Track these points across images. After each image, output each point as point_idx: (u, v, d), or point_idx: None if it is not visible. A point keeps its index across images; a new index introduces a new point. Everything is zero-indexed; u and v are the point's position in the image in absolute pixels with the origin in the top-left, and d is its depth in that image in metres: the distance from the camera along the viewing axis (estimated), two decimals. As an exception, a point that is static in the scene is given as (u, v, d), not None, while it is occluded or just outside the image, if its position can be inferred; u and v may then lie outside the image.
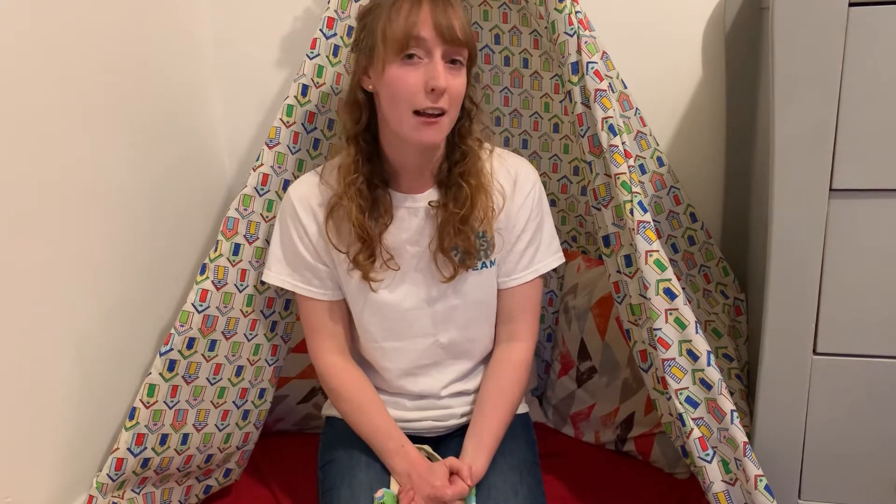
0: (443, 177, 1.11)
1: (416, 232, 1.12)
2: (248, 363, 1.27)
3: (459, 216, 1.08)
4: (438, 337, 1.16)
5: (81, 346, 1.13)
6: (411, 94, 1.00)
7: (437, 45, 1.00)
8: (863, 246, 0.99)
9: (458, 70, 1.03)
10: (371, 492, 1.09)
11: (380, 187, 1.10)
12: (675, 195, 1.38)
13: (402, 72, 1.00)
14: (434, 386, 1.18)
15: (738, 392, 1.28)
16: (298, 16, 1.52)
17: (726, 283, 1.43)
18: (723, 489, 1.03)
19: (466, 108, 1.10)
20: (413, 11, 1.00)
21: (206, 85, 1.55)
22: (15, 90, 1.00)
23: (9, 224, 0.99)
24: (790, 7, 0.92)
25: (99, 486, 1.11)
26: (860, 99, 0.93)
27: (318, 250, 1.14)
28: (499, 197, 1.12)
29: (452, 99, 1.02)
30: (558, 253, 1.19)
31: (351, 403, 1.16)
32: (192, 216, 1.47)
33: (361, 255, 1.09)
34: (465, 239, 1.09)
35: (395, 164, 1.11)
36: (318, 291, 1.16)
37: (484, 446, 1.11)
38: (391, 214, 1.11)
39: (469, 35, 1.03)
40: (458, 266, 1.11)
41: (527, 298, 1.18)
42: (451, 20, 1.00)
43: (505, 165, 1.14)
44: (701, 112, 1.48)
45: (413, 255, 1.13)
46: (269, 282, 1.17)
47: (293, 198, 1.13)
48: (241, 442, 1.32)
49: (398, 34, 0.99)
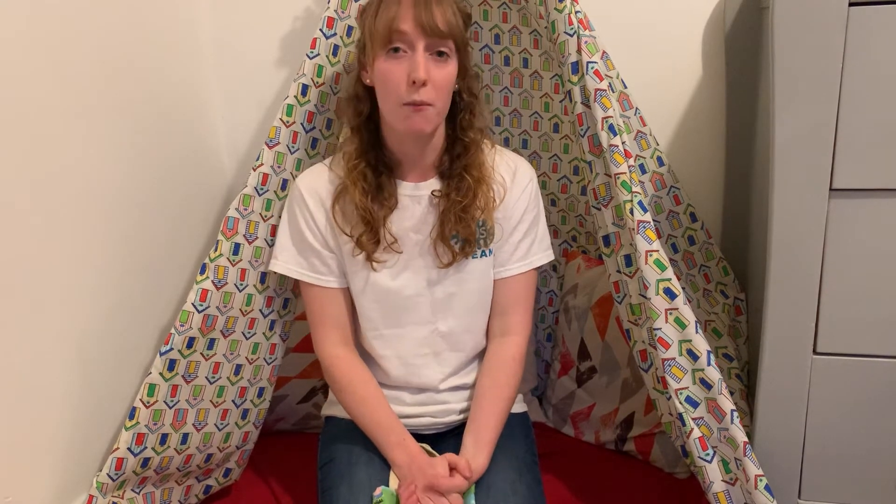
0: (444, 169, 1.15)
1: (420, 220, 1.15)
2: (247, 362, 1.27)
3: (461, 205, 1.11)
4: (437, 325, 1.18)
5: (81, 346, 1.13)
6: (397, 87, 1.04)
7: (418, 38, 1.02)
8: (863, 246, 0.99)
9: (445, 61, 1.05)
10: (370, 490, 1.09)
11: (384, 174, 1.13)
12: (675, 195, 1.38)
13: (388, 65, 1.04)
14: (433, 378, 1.19)
15: (738, 392, 1.28)
16: (298, 16, 1.52)
17: (726, 283, 1.43)
18: (723, 489, 1.03)
19: (466, 100, 1.13)
20: (395, 6, 1.03)
21: (206, 85, 1.55)
22: (14, 90, 1.00)
23: (8, 224, 0.99)
24: (790, 7, 0.92)
25: (99, 486, 1.11)
26: (860, 99, 0.93)
27: (325, 237, 1.16)
28: (499, 188, 1.15)
29: (438, 90, 1.05)
30: (549, 250, 1.22)
31: (354, 396, 1.17)
32: (192, 216, 1.47)
33: (365, 237, 1.12)
34: (465, 227, 1.12)
35: (396, 154, 1.14)
36: (325, 279, 1.18)
37: (483, 443, 1.12)
38: (395, 199, 1.14)
39: (453, 26, 1.04)
40: (458, 253, 1.14)
41: (520, 290, 1.20)
42: (432, 12, 1.02)
43: (505, 159, 1.18)
44: (701, 112, 1.48)
45: (415, 242, 1.16)
46: (277, 270, 1.18)
47: (301, 186, 1.16)
48: (241, 441, 1.32)
49: (381, 29, 1.03)
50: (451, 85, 1.08)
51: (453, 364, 1.20)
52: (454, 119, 1.14)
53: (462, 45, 1.08)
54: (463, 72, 1.11)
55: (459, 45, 1.08)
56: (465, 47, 1.10)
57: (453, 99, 1.12)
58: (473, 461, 1.09)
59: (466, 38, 1.11)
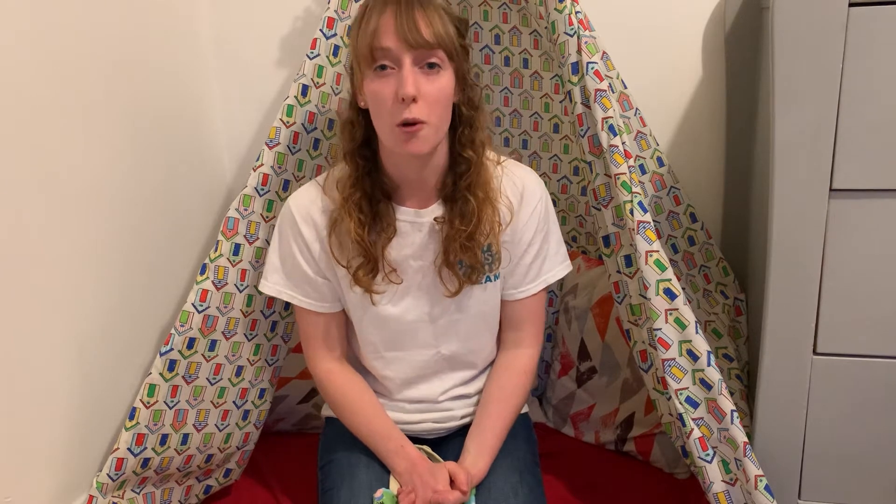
0: (448, 192, 1.08)
1: (420, 247, 1.10)
2: (249, 363, 1.27)
3: (466, 233, 1.05)
4: (440, 349, 1.15)
5: (81, 346, 1.13)
6: (388, 107, 0.97)
7: (403, 53, 0.96)
8: (863, 246, 0.99)
9: (437, 73, 0.98)
10: (371, 492, 1.09)
11: (382, 201, 1.07)
12: (675, 195, 1.38)
13: (376, 85, 0.98)
14: (434, 392, 1.18)
15: (738, 392, 1.28)
16: (298, 16, 1.52)
17: (726, 284, 1.43)
18: (723, 489, 1.03)
19: (465, 114, 1.06)
20: (375, 21, 0.96)
21: (206, 85, 1.55)
22: (15, 90, 1.00)
23: (9, 224, 0.99)
24: (790, 7, 0.92)
25: (99, 486, 1.11)
26: (860, 99, 0.93)
27: (319, 264, 1.11)
28: (506, 211, 1.09)
29: (431, 105, 0.98)
30: (566, 262, 1.17)
31: (349, 408, 1.16)
32: (192, 216, 1.47)
33: (362, 270, 1.07)
34: (471, 255, 1.07)
35: (395, 179, 1.08)
36: (317, 304, 1.14)
37: (486, 449, 1.11)
38: (394, 228, 1.08)
39: (442, 34, 0.97)
40: (464, 280, 1.09)
41: (534, 307, 1.17)
42: (415, 23, 0.95)
43: (512, 178, 1.11)
44: (701, 112, 1.48)
45: (416, 269, 1.11)
46: (267, 293, 1.14)
47: (294, 210, 1.10)
48: (241, 442, 1.32)
49: (363, 48, 0.97)
50: (446, 98, 1.00)
51: (456, 380, 1.18)
52: (454, 135, 1.07)
53: (455, 54, 1.00)
54: (461, 82, 1.04)
55: (452, 54, 1.00)
56: (461, 55, 1.02)
57: (453, 111, 1.05)
58: (474, 467, 1.08)
59: (462, 44, 1.03)
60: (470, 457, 1.10)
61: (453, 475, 1.07)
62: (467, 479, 1.06)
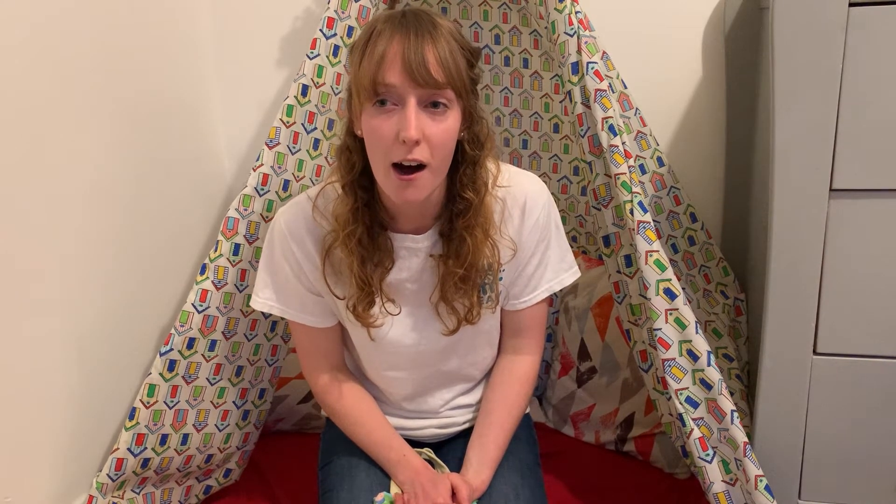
0: (444, 227, 1.03)
1: (417, 271, 1.06)
2: (248, 363, 1.27)
3: (459, 276, 1.01)
4: (440, 366, 1.14)
5: (81, 346, 1.13)
6: (385, 146, 0.90)
7: (409, 91, 0.88)
8: (863, 246, 0.99)
9: (443, 114, 0.90)
10: (371, 494, 1.08)
11: (381, 233, 1.03)
12: (675, 195, 1.38)
13: (376, 122, 0.90)
14: (434, 404, 1.17)
15: (738, 392, 1.28)
16: (298, 16, 1.52)
17: (726, 284, 1.43)
18: (723, 489, 1.03)
19: (469, 154, 0.98)
20: (380, 52, 0.88)
21: (206, 85, 1.55)
22: (14, 90, 1.00)
23: (8, 224, 0.99)
24: (790, 7, 0.92)
25: (99, 486, 1.11)
26: (860, 99, 0.93)
27: (312, 282, 1.07)
28: (507, 252, 1.04)
29: (434, 147, 0.90)
30: (572, 269, 1.12)
31: (348, 418, 1.14)
32: (192, 216, 1.47)
33: (360, 305, 1.03)
34: (467, 297, 1.03)
35: (392, 210, 1.03)
36: (311, 319, 1.10)
37: (488, 461, 1.09)
38: (392, 259, 1.03)
39: (452, 72, 0.89)
40: (461, 320, 1.05)
41: (535, 314, 1.13)
42: (423, 58, 0.87)
43: (514, 193, 1.04)
44: (701, 112, 1.48)
45: (413, 292, 1.07)
46: (258, 308, 1.09)
47: (286, 231, 1.05)
48: (241, 442, 1.32)
49: (365, 79, 0.89)
50: (451, 140, 0.93)
51: (456, 391, 1.17)
52: (455, 172, 0.99)
53: (465, 92, 0.92)
54: (467, 119, 0.96)
55: (461, 92, 0.91)
56: (470, 90, 0.94)
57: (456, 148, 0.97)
58: (476, 478, 1.07)
59: (473, 76, 0.94)
60: (472, 469, 1.08)
61: (455, 489, 1.05)
62: (469, 494, 1.05)
